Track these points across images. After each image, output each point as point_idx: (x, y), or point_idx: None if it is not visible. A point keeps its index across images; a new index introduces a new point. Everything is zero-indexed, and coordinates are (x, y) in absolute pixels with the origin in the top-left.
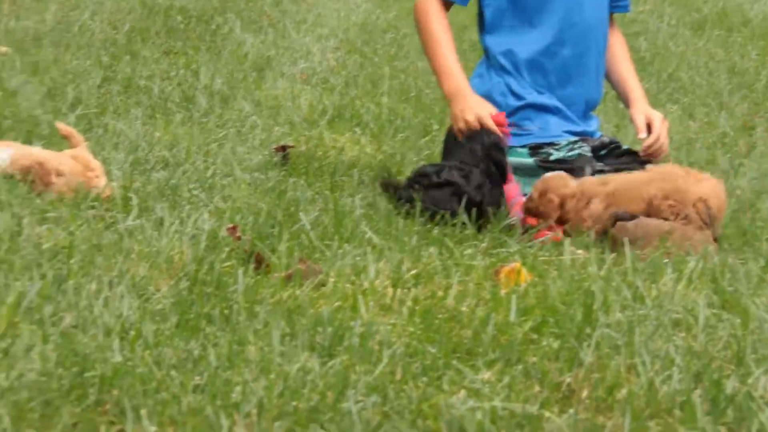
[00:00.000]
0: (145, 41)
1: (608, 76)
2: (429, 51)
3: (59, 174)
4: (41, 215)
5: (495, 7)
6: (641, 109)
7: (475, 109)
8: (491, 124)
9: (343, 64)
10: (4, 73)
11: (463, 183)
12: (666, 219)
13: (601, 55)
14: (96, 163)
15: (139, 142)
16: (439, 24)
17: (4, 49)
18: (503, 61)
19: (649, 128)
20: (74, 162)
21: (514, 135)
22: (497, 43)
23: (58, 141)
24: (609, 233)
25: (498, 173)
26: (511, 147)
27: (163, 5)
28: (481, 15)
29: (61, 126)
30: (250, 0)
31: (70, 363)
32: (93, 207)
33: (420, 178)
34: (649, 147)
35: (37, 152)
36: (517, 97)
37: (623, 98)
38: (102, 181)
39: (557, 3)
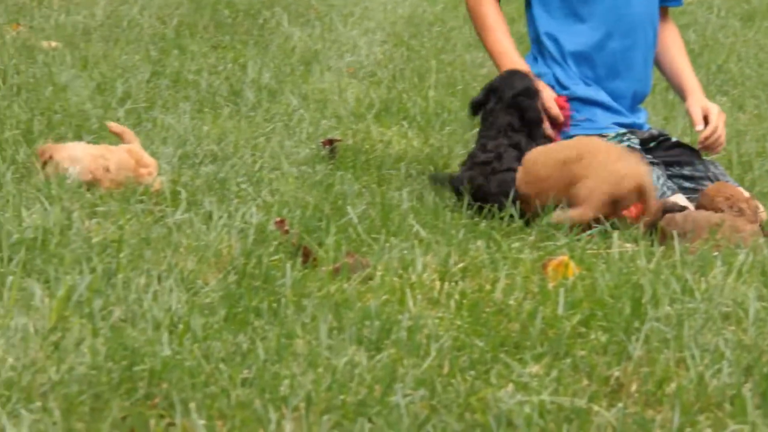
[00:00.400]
0: (194, 36)
1: (662, 69)
2: (483, 36)
3: (106, 169)
4: (91, 209)
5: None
6: (698, 101)
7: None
8: (552, 105)
9: (389, 57)
10: (54, 68)
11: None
12: (721, 211)
13: (650, 48)
14: (150, 160)
15: (187, 136)
16: (491, 9)
17: (54, 44)
18: (550, 46)
19: (705, 120)
20: (126, 157)
21: None
22: (543, 23)
23: (108, 136)
24: (658, 226)
25: (531, 122)
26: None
27: (211, 0)
28: (528, 6)
29: (112, 125)
30: None
31: (119, 357)
32: (142, 201)
33: (483, 167)
34: (706, 139)
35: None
36: (564, 88)
37: (678, 91)
38: (155, 178)
39: None
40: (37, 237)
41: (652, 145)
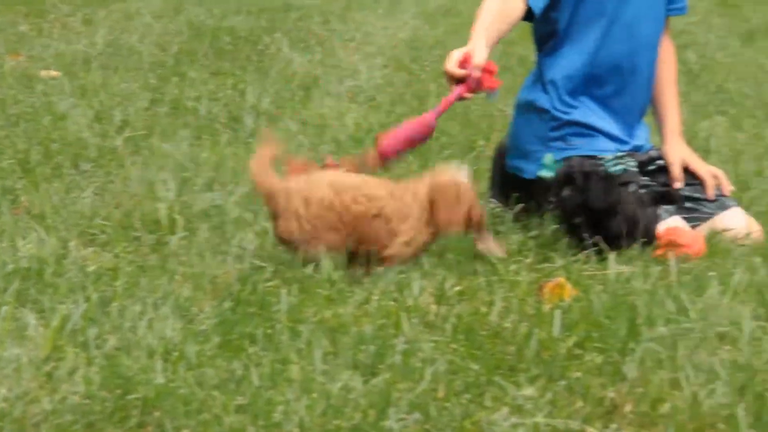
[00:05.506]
0: (193, 63)
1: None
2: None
3: None
4: (88, 238)
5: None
6: (676, 151)
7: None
8: (450, 65)
9: (390, 82)
10: (53, 97)
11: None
12: None
13: (654, 61)
14: None
15: (185, 163)
16: (493, 3)
17: (53, 73)
18: (555, 78)
19: (686, 170)
20: None
21: (559, 149)
22: (549, 65)
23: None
24: None
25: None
26: (556, 161)
27: (211, 26)
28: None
29: None
30: (298, 19)
31: (113, 385)
32: (137, 229)
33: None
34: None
35: None
36: (564, 111)
37: (657, 124)
38: None
39: (608, 6)
40: (32, 266)
41: (651, 168)
